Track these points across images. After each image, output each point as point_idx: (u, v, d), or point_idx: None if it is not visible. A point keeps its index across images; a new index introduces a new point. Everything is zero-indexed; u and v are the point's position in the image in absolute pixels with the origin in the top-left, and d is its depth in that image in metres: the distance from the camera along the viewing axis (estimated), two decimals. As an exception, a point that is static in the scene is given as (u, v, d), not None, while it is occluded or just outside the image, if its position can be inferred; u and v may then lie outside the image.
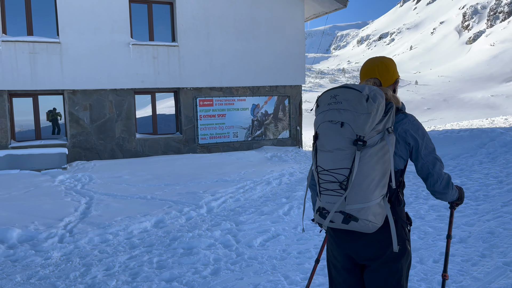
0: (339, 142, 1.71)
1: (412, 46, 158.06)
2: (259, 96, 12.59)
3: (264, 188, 7.39)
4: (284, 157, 11.16)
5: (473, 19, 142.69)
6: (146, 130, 11.64)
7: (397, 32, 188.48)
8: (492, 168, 7.77)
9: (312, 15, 14.40)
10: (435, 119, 59.87)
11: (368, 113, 1.67)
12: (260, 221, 5.29)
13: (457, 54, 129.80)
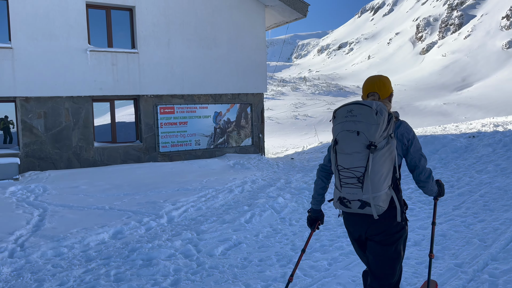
0: (356, 147, 2.18)
1: (370, 55, 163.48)
2: (221, 104, 12.58)
3: (226, 196, 7.36)
4: (247, 165, 11.18)
5: (426, 30, 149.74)
6: (105, 138, 11.32)
7: (355, 42, 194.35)
8: (444, 173, 8.14)
9: (273, 24, 14.60)
10: (392, 126, 61.85)
11: (377, 124, 2.16)
12: (222, 230, 5.26)
13: (412, 63, 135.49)
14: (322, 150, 15.29)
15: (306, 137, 50.82)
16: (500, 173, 7.46)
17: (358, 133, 2.18)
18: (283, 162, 12.53)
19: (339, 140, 2.27)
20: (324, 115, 77.89)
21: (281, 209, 6.30)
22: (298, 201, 6.80)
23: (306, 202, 6.77)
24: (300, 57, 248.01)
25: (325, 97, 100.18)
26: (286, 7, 12.61)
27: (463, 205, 5.72)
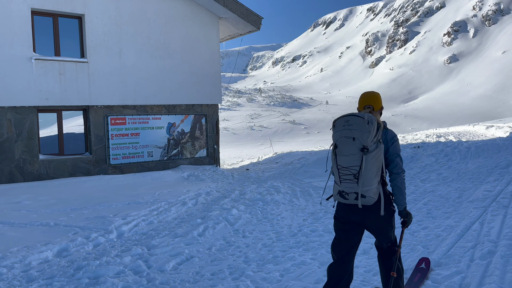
0: (352, 149, 2.68)
1: (322, 68, 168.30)
2: (175, 115, 12.42)
3: (179, 209, 7.23)
4: (202, 176, 11.07)
5: (375, 45, 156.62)
6: (51, 150, 10.80)
7: (309, 55, 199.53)
8: (391, 182, 8.48)
9: (227, 36, 14.70)
10: (345, 136, 63.74)
11: (369, 131, 2.67)
12: (174, 244, 5.16)
13: (362, 76, 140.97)
14: (277, 161, 15.48)
15: (262, 148, 51.20)
16: (442, 182, 7.87)
17: (353, 139, 2.70)
18: (238, 173, 12.54)
19: (338, 144, 2.78)
20: (279, 126, 78.97)
21: (235, 221, 6.28)
22: (252, 213, 6.80)
23: (260, 213, 6.79)
24: (255, 68, 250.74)
25: (280, 108, 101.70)
26: (240, 20, 12.74)
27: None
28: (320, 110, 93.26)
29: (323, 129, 73.23)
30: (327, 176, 10.42)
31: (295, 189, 8.84)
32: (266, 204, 7.43)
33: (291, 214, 6.69)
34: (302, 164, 12.40)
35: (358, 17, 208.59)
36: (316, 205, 7.23)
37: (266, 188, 8.95)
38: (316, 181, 9.80)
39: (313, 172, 11.15)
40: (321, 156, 13.20)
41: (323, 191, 3.58)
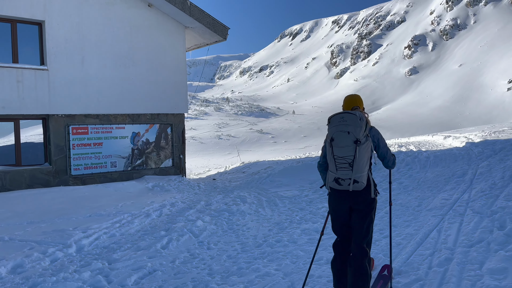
0: (347, 142, 3.19)
1: (289, 78, 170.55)
2: (139, 124, 12.20)
3: (142, 221, 7.08)
4: (167, 187, 10.90)
5: (340, 56, 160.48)
6: (8, 161, 10.34)
7: (275, 65, 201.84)
8: (355, 191, 8.65)
9: (194, 46, 14.65)
10: (311, 145, 64.67)
11: (361, 126, 3.20)
12: (136, 257, 5.03)
13: (328, 87, 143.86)
14: (244, 170, 15.47)
15: (229, 157, 51.11)
16: (403, 191, 8.11)
17: (348, 133, 3.19)
18: (204, 183, 12.44)
19: (335, 137, 3.26)
20: (247, 135, 79.12)
21: (199, 232, 6.21)
22: (217, 224, 6.75)
23: (226, 224, 6.75)
24: (222, 78, 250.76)
25: (247, 117, 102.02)
26: (206, 30, 12.75)
27: (371, 222, 6.11)
28: (287, 120, 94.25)
29: (290, 139, 73.96)
30: (292, 185, 10.51)
31: (261, 199, 8.85)
32: (232, 214, 7.39)
33: (257, 224, 6.68)
34: (269, 174, 12.46)
35: (324, 29, 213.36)
36: (282, 215, 7.26)
37: (232, 198, 8.92)
38: (282, 191, 9.86)
39: (280, 181, 11.22)
40: (287, 165, 13.32)
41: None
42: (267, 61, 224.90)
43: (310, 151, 37.83)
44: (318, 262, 4.60)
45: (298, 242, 5.43)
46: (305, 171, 11.85)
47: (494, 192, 6.56)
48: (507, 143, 10.85)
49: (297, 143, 69.31)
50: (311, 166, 12.13)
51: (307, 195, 8.96)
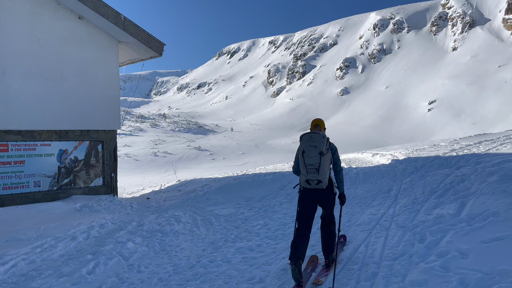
0: (314, 153, 4.40)
1: (227, 96, 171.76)
2: (67, 141, 11.54)
3: (67, 245, 6.63)
4: (96, 207, 10.35)
5: (276, 76, 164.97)
6: None
7: (214, 83, 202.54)
8: (289, 208, 8.81)
9: (128, 61, 14.27)
10: (249, 162, 65.19)
11: (323, 142, 4.43)
12: (58, 285, 4.68)
13: (265, 105, 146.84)
14: (180, 188, 15.15)
15: (166, 175, 49.86)
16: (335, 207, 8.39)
17: (315, 147, 4.45)
18: (138, 202, 11.99)
19: (305, 150, 4.49)
20: (185, 152, 77.95)
21: (130, 255, 5.93)
22: (149, 245, 6.50)
23: (158, 245, 6.52)
24: (159, 93, 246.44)
25: (185, 134, 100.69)
26: (141, 45, 12.48)
27: (303, 238, 6.23)
28: (226, 137, 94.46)
29: (229, 155, 74.06)
30: (229, 203, 10.47)
31: (196, 218, 8.70)
32: (165, 235, 7.17)
33: (191, 244, 6.54)
34: (205, 192, 12.32)
35: (261, 49, 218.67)
36: (217, 234, 7.18)
37: (166, 218, 8.67)
38: (218, 209, 9.77)
39: (216, 199, 11.12)
40: (224, 183, 13.27)
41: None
42: (205, 78, 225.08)
43: (248, 168, 38.07)
44: (251, 281, 4.59)
45: (232, 262, 5.38)
46: (242, 188, 11.87)
47: (416, 206, 7.01)
48: (427, 160, 11.71)
49: (236, 160, 69.54)
50: (248, 183, 12.19)
51: (243, 213, 8.95)
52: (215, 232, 7.33)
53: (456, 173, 8.74)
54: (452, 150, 13.32)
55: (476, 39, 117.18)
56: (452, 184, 7.90)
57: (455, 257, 4.27)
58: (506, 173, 7.16)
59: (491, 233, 4.67)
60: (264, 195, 10.66)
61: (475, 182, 7.39)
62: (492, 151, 11.39)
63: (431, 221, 5.77)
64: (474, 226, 5.07)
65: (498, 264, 3.88)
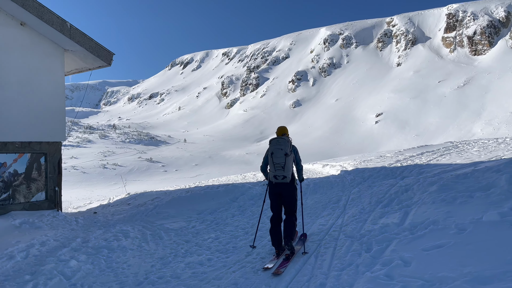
0: (281, 154, 5.68)
1: (180, 107, 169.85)
2: (6, 153, 10.84)
3: (4, 265, 6.18)
4: (38, 223, 9.76)
5: (230, 87, 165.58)
6: None
7: (166, 93, 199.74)
8: (241, 220, 8.78)
9: (75, 70, 13.74)
10: (202, 174, 64.59)
11: (288, 146, 5.75)
12: (-10, 310, 4.34)
13: (219, 116, 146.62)
14: (129, 202, 14.68)
15: (116, 187, 48.18)
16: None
17: (281, 149, 5.64)
18: (84, 217, 11.46)
19: (274, 152, 5.69)
20: (136, 164, 75.89)
21: (72, 274, 5.63)
22: (94, 262, 6.22)
23: (104, 262, 6.25)
24: (109, 104, 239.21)
25: (136, 145, 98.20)
26: (88, 54, 12.07)
27: (254, 251, 6.22)
28: (179, 148, 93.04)
29: (182, 167, 72.95)
30: (180, 216, 10.27)
31: (145, 232, 8.44)
32: (112, 251, 6.89)
33: (139, 260, 6.32)
34: (156, 205, 12.01)
35: (214, 60, 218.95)
36: (166, 249, 7.00)
37: (113, 233, 8.34)
38: (169, 223, 9.55)
39: (167, 213, 10.87)
40: (176, 196, 13.02)
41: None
42: (157, 88, 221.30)
43: (201, 180, 37.67)
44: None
45: (181, 277, 5.26)
46: (193, 201, 11.70)
47: (363, 216, 7.23)
48: (374, 170, 12.16)
49: (189, 171, 68.65)
50: (200, 196, 12.04)
51: (194, 226, 8.81)
52: (165, 247, 7.15)
53: (401, 183, 9.14)
54: (397, 161, 13.94)
55: (418, 55, 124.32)
56: (396, 194, 8.24)
57: (399, 265, 4.43)
58: (445, 183, 7.58)
59: (432, 241, 4.91)
60: (216, 207, 10.56)
61: (418, 192, 7.76)
62: (433, 162, 12.04)
63: (377, 230, 5.97)
64: (416, 235, 5.31)
65: (438, 271, 4.07)
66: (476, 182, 7.14)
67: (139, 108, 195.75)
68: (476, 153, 13.12)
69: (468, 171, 8.21)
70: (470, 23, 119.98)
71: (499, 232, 4.62)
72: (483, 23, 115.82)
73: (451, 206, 6.09)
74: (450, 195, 6.71)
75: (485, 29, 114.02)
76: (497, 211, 5.29)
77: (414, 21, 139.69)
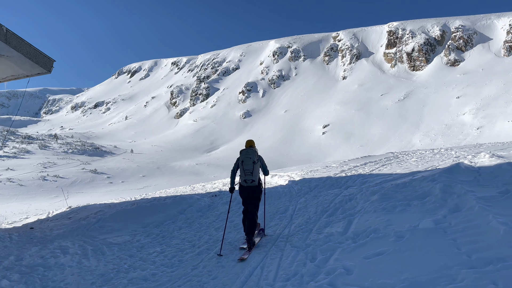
0: (250, 162, 6.99)
1: (127, 116, 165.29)
2: None
3: None
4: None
5: (179, 97, 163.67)
6: None
7: (112, 102, 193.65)
8: (188, 233, 8.62)
9: (11, 76, 12.94)
10: (150, 185, 62.97)
11: (255, 155, 7.10)
12: None
13: (168, 126, 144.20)
14: (70, 216, 13.96)
15: (56, 200, 45.71)
16: (233, 229, 8.44)
17: (250, 158, 6.96)
18: (19, 233, 10.73)
19: (244, 160, 6.94)
20: (79, 175, 72.54)
21: (2, 295, 5.23)
22: (28, 282, 5.82)
23: (39, 281, 5.87)
24: (50, 112, 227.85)
25: (79, 156, 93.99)
26: (26, 60, 11.42)
27: (200, 264, 6.12)
28: (125, 159, 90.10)
29: (128, 179, 70.57)
30: (124, 230, 9.91)
31: (86, 248, 8.04)
32: (48, 269, 6.49)
33: (78, 278, 6.00)
34: (99, 219, 11.50)
35: (163, 69, 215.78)
36: (109, 264, 6.70)
37: (51, 249, 7.87)
38: (112, 237, 9.18)
39: (110, 226, 10.44)
40: (121, 208, 12.56)
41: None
42: (103, 97, 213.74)
43: (149, 192, 36.67)
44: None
45: (123, 294, 5.05)
46: (139, 214, 11.35)
47: (309, 226, 7.36)
48: (320, 181, 12.46)
49: (136, 183, 66.54)
50: (146, 208, 11.70)
51: (139, 240, 8.53)
52: (107, 263, 6.85)
53: (345, 192, 9.42)
54: (342, 171, 14.38)
55: (362, 69, 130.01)
56: (341, 203, 8.48)
57: (342, 274, 4.54)
58: (386, 192, 7.92)
59: (372, 248, 5.08)
60: (163, 220, 10.31)
61: (360, 201, 8.03)
62: (375, 172, 12.55)
63: (321, 240, 6.09)
64: (358, 243, 5.48)
65: (378, 278, 4.22)
66: (414, 191, 7.53)
67: (83, 118, 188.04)
68: (414, 163, 13.85)
69: (407, 181, 8.63)
70: (409, 40, 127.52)
71: (433, 239, 4.87)
72: (421, 40, 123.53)
73: (390, 215, 6.36)
74: (390, 203, 7.01)
75: (422, 46, 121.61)
76: (432, 218, 5.59)
77: (358, 36, 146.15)
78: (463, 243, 4.52)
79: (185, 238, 8.11)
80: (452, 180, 7.43)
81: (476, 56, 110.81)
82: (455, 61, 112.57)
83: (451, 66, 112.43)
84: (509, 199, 5.80)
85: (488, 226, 4.72)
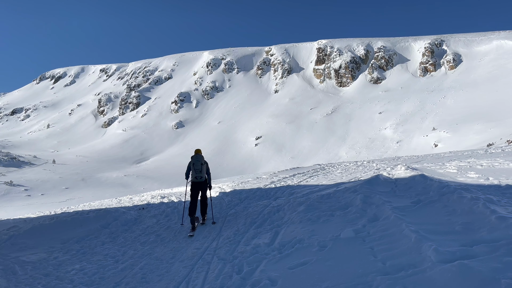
0: (199, 163, 9.68)
1: (49, 124, 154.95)
2: None
3: None
4: None
5: (108, 105, 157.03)
6: None
7: (33, 109, 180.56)
8: (112, 248, 8.22)
9: None
10: (74, 198, 59.33)
11: (203, 159, 9.81)
12: None
13: (94, 136, 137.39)
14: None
15: (-39, 217, 41.34)
16: (160, 243, 8.20)
17: (199, 161, 9.61)
18: None
19: (195, 163, 9.59)
20: (-8, 188, 66.09)
21: None
22: None
23: None
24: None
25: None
26: None
27: (123, 281, 5.85)
28: (46, 170, 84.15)
29: (49, 191, 65.90)
30: (40, 247, 9.19)
31: (-5, 268, 7.32)
32: None
33: (-18, 302, 5.43)
34: (11, 235, 10.53)
35: (91, 76, 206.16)
36: (20, 285, 6.16)
37: (-49, 272, 7.05)
38: (26, 255, 8.46)
39: (24, 244, 9.62)
40: (38, 223, 11.63)
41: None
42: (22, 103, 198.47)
43: (71, 205, 34.44)
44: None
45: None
46: (58, 229, 10.60)
47: (237, 238, 7.37)
48: (250, 192, 12.57)
49: (58, 196, 62.29)
50: (67, 223, 10.97)
51: (57, 257, 7.95)
52: (18, 283, 6.30)
53: (273, 203, 9.60)
54: (271, 182, 14.65)
55: (293, 84, 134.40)
56: (269, 214, 8.62)
57: (266, 285, 4.59)
58: (312, 203, 8.19)
59: (297, 259, 5.21)
60: (85, 235, 9.73)
61: (288, 212, 8.22)
62: (303, 183, 12.95)
63: (248, 251, 6.12)
64: (284, 254, 5.58)
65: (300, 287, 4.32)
66: (337, 202, 7.87)
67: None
68: (339, 174, 14.51)
69: (331, 192, 9.01)
70: (336, 57, 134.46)
71: (353, 248, 5.12)
72: (347, 58, 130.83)
73: (315, 225, 6.58)
74: (315, 214, 7.26)
75: (349, 64, 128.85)
76: (352, 228, 5.88)
77: (290, 52, 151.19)
78: (379, 251, 4.79)
79: (108, 254, 7.72)
80: (372, 191, 7.90)
81: (396, 75, 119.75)
82: (378, 79, 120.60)
83: (374, 83, 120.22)
84: (421, 209, 6.27)
85: (402, 234, 5.06)
